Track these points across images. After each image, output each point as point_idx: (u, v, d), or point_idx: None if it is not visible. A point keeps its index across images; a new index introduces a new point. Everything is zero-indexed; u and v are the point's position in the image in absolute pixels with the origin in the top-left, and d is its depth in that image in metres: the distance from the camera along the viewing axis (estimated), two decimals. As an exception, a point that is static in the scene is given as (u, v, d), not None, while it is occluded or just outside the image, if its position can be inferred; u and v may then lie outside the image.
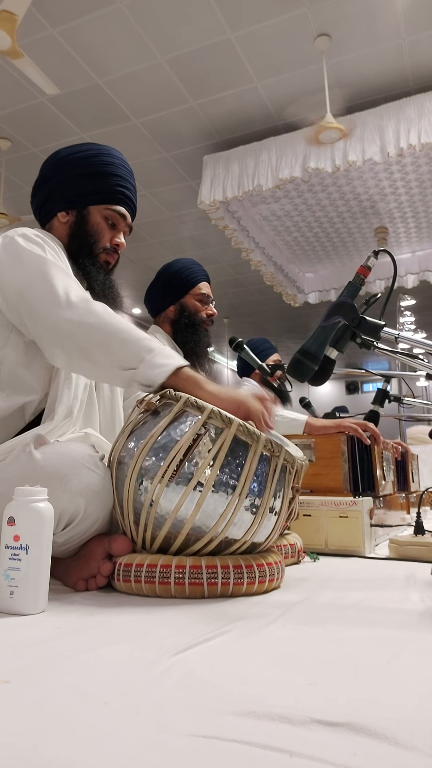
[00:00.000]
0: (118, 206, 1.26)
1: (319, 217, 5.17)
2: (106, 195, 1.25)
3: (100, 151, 1.27)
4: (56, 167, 1.26)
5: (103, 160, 1.26)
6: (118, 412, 1.30)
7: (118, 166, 1.28)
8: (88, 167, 1.24)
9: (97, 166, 1.25)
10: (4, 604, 0.78)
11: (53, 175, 1.26)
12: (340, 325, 1.05)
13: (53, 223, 1.26)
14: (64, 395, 1.10)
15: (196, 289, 1.89)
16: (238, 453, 0.91)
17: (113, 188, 1.25)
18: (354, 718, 0.43)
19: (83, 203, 1.24)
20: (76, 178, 1.24)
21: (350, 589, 1.00)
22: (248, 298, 7.82)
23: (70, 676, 0.53)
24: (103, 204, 1.25)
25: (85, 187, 1.24)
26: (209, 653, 0.61)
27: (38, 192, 1.28)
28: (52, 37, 3.41)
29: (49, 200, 1.26)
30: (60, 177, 1.25)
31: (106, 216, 1.25)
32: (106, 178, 1.25)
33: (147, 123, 4.22)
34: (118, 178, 1.26)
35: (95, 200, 1.24)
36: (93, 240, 1.24)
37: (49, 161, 1.28)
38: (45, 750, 0.39)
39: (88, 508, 0.94)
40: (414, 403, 2.12)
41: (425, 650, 0.63)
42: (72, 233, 1.23)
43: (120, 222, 1.28)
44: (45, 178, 1.27)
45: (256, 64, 3.65)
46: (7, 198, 4.95)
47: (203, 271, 1.94)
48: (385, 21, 3.32)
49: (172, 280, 1.88)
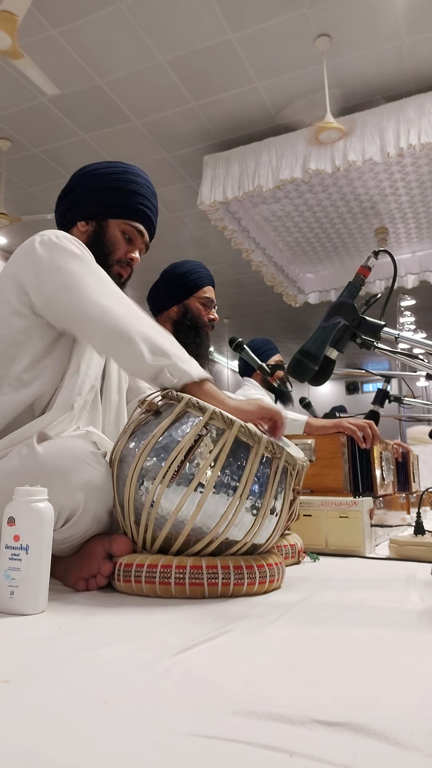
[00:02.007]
0: (137, 223, 1.30)
1: (319, 218, 5.17)
2: (126, 210, 1.29)
3: (126, 170, 1.32)
4: (82, 179, 1.30)
5: (128, 178, 1.30)
6: (123, 418, 1.31)
7: (142, 185, 1.32)
8: (112, 182, 1.28)
9: (122, 183, 1.29)
10: (4, 604, 0.78)
11: (78, 187, 1.30)
12: (340, 326, 1.05)
13: (72, 232, 1.29)
14: (67, 387, 1.12)
15: (201, 292, 1.89)
16: (239, 454, 0.91)
17: (134, 205, 1.29)
18: (354, 718, 0.43)
19: (103, 215, 1.28)
20: (99, 191, 1.28)
21: (350, 589, 1.00)
22: (249, 299, 7.82)
23: (70, 675, 0.53)
24: (123, 219, 1.29)
25: (107, 200, 1.28)
26: (210, 653, 0.61)
27: (63, 201, 1.33)
28: (53, 37, 3.42)
29: (70, 209, 1.30)
30: (84, 188, 1.29)
31: (123, 230, 1.29)
32: (128, 195, 1.29)
33: (147, 123, 4.23)
34: (140, 197, 1.30)
35: (115, 214, 1.28)
36: (108, 251, 1.27)
37: (77, 174, 1.33)
38: (45, 749, 0.39)
39: (88, 504, 0.94)
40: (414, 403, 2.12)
41: (425, 650, 0.63)
42: (90, 242, 1.26)
43: (137, 238, 1.31)
44: (70, 188, 1.32)
45: (256, 65, 3.65)
46: (7, 198, 4.96)
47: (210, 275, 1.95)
48: (385, 22, 3.32)
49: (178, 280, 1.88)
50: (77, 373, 1.14)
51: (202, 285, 1.90)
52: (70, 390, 1.12)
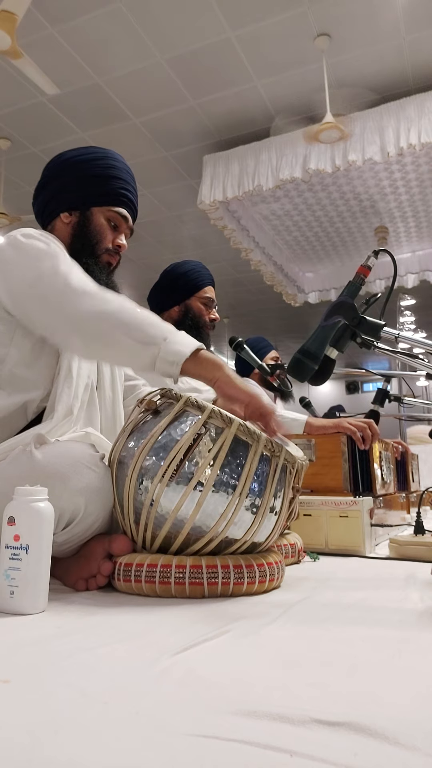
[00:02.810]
0: (121, 208, 1.28)
1: (319, 217, 5.17)
2: (109, 197, 1.26)
3: (104, 155, 1.29)
4: (60, 169, 1.28)
5: (107, 163, 1.28)
6: (119, 413, 1.30)
7: (121, 169, 1.30)
8: (92, 169, 1.26)
9: (101, 169, 1.26)
10: (4, 604, 0.78)
11: (57, 177, 1.27)
12: (340, 325, 1.05)
13: (56, 224, 1.27)
14: (64, 394, 1.11)
15: (202, 292, 1.89)
16: (238, 453, 0.91)
17: (116, 190, 1.27)
18: (354, 717, 0.43)
19: (86, 204, 1.26)
20: (80, 180, 1.25)
21: (350, 589, 1.00)
22: (248, 298, 7.81)
23: (70, 675, 0.53)
24: (106, 206, 1.26)
25: (89, 188, 1.25)
26: (209, 653, 0.61)
27: (41, 192, 1.30)
28: (52, 36, 3.41)
29: (51, 201, 1.27)
30: (64, 178, 1.26)
31: (108, 217, 1.27)
32: (109, 181, 1.27)
33: (147, 122, 4.22)
34: (121, 181, 1.28)
35: (98, 202, 1.26)
36: (96, 240, 1.25)
37: (53, 163, 1.30)
38: (45, 749, 0.39)
39: (89, 508, 0.94)
40: (414, 402, 2.12)
41: (425, 650, 0.63)
42: (75, 233, 1.25)
43: (122, 224, 1.30)
44: (48, 179, 1.29)
45: (256, 64, 3.65)
46: (7, 198, 4.95)
47: (210, 275, 1.95)
48: (385, 20, 3.31)
49: (179, 280, 1.89)
50: (70, 375, 1.12)
51: (203, 285, 1.90)
52: (67, 395, 1.11)
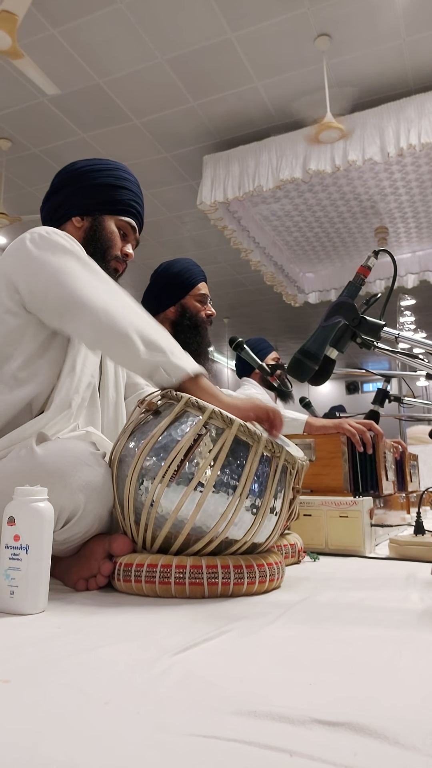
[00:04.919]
0: (130, 218, 1.33)
1: (319, 217, 5.17)
2: (120, 206, 1.31)
3: (117, 166, 1.34)
4: (74, 177, 1.31)
5: (119, 175, 1.32)
6: (122, 414, 1.31)
7: (132, 182, 1.34)
8: (105, 179, 1.30)
9: (114, 179, 1.31)
10: (4, 604, 0.78)
11: (70, 184, 1.31)
12: (340, 325, 1.05)
13: (67, 227, 1.30)
14: (63, 387, 1.12)
15: (196, 289, 1.89)
16: (238, 453, 0.91)
17: (127, 201, 1.31)
18: (354, 717, 0.43)
19: (99, 211, 1.29)
20: (93, 188, 1.29)
21: (350, 589, 1.00)
22: (248, 298, 7.82)
23: (70, 675, 0.53)
24: (117, 215, 1.31)
25: (102, 196, 1.29)
26: (209, 653, 0.61)
27: (52, 197, 1.33)
28: (53, 37, 3.41)
29: (63, 205, 1.30)
30: (78, 185, 1.30)
31: (118, 226, 1.31)
32: (121, 191, 1.31)
33: (147, 123, 4.22)
34: (132, 193, 1.33)
35: (110, 210, 1.30)
36: (107, 246, 1.28)
37: (66, 171, 1.33)
38: (45, 749, 0.39)
39: (88, 506, 0.94)
40: (414, 403, 2.12)
41: (425, 650, 0.63)
42: (87, 237, 1.28)
43: (130, 233, 1.34)
44: (60, 186, 1.32)
45: (256, 64, 3.65)
46: (7, 198, 4.95)
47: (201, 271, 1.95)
48: (385, 21, 3.32)
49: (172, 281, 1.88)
50: (73, 370, 1.14)
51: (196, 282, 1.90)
52: (67, 388, 1.12)
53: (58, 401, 1.10)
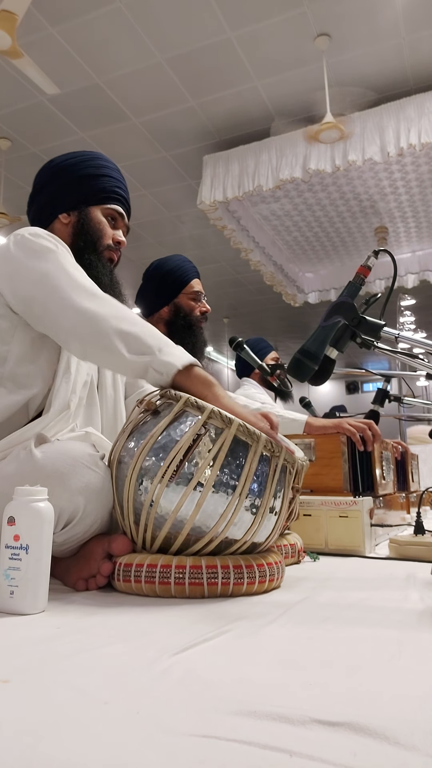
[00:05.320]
0: (116, 205, 1.32)
1: (319, 217, 5.17)
2: (104, 194, 1.30)
3: (94, 156, 1.34)
4: (54, 173, 1.31)
5: (98, 164, 1.32)
6: (121, 412, 1.30)
7: (112, 168, 1.34)
8: (84, 170, 1.30)
9: (93, 169, 1.31)
10: (4, 604, 0.78)
11: (51, 181, 1.31)
12: (340, 325, 1.05)
13: (55, 226, 1.29)
14: (61, 389, 1.12)
15: (189, 287, 1.86)
16: (238, 453, 0.91)
17: (110, 188, 1.31)
18: (354, 717, 0.43)
19: (83, 203, 1.29)
20: (74, 181, 1.29)
21: (350, 589, 1.00)
22: (248, 298, 7.82)
23: (69, 675, 0.53)
24: (102, 204, 1.30)
25: (84, 188, 1.29)
26: (209, 653, 0.61)
27: (37, 198, 1.32)
28: (52, 36, 3.41)
29: (48, 204, 1.30)
30: (59, 181, 1.30)
31: (105, 215, 1.31)
32: (102, 179, 1.30)
33: (147, 122, 4.22)
34: (114, 180, 1.32)
35: (94, 201, 1.29)
36: (97, 237, 1.28)
37: (45, 170, 1.33)
38: (44, 749, 0.39)
39: (88, 507, 0.94)
40: (414, 402, 2.12)
41: (425, 650, 0.63)
42: (75, 232, 1.27)
43: (119, 220, 1.34)
44: (42, 185, 1.32)
45: (256, 64, 3.65)
46: (7, 198, 4.95)
47: (194, 267, 1.91)
48: (384, 20, 3.32)
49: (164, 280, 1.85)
50: (68, 371, 1.14)
51: (189, 280, 1.86)
52: (64, 390, 1.12)
53: (56, 404, 1.10)
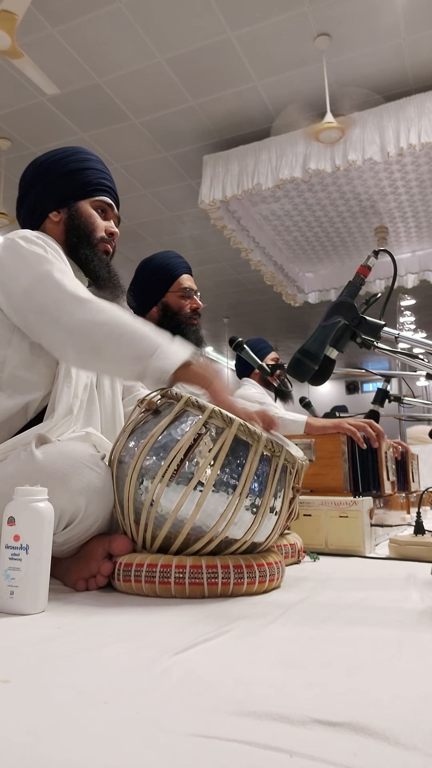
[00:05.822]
0: (104, 197, 1.32)
1: (319, 217, 5.17)
2: (90, 187, 1.30)
3: (75, 150, 1.34)
4: (38, 173, 1.31)
5: (80, 157, 1.32)
6: (119, 411, 1.30)
7: (95, 161, 1.34)
8: (67, 165, 1.30)
9: (77, 163, 1.30)
10: (4, 604, 0.78)
11: (36, 181, 1.30)
12: (340, 325, 1.05)
13: (46, 225, 1.30)
14: (63, 393, 1.11)
15: (177, 284, 1.76)
16: (238, 453, 0.91)
17: (96, 180, 1.31)
18: (354, 717, 0.43)
19: (71, 199, 1.29)
20: (60, 178, 1.29)
21: (350, 589, 1.00)
22: (248, 298, 7.81)
23: (69, 675, 0.53)
24: (90, 197, 1.30)
25: (70, 184, 1.29)
26: (209, 653, 0.61)
27: (25, 199, 1.33)
28: (52, 36, 3.41)
29: (37, 205, 1.30)
30: (45, 180, 1.29)
31: (94, 207, 1.31)
32: (87, 173, 1.31)
33: (147, 122, 4.22)
34: (98, 172, 1.33)
35: (81, 195, 1.29)
36: (89, 230, 1.28)
37: (29, 171, 1.33)
38: (45, 749, 0.39)
39: (89, 508, 0.94)
40: (414, 402, 2.12)
41: (425, 650, 0.63)
42: (67, 229, 1.27)
43: (108, 211, 1.34)
44: (28, 186, 1.32)
45: (256, 64, 3.65)
46: (7, 198, 4.95)
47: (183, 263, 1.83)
48: (385, 20, 3.32)
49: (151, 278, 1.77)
50: (69, 375, 1.13)
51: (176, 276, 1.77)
52: (67, 395, 1.11)
53: (60, 409, 1.09)
